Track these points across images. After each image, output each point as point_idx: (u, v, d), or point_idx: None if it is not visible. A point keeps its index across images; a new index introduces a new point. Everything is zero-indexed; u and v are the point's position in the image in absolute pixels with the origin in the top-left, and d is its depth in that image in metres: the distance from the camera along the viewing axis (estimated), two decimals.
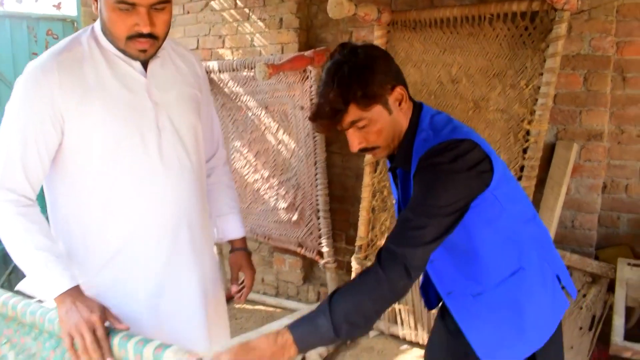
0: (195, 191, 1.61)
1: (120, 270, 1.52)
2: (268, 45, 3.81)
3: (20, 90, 1.40)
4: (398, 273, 1.24)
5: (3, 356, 1.51)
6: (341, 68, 1.33)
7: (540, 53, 2.61)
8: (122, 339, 1.22)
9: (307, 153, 3.44)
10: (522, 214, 1.45)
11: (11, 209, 1.39)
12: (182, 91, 1.59)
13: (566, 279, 1.51)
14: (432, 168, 1.30)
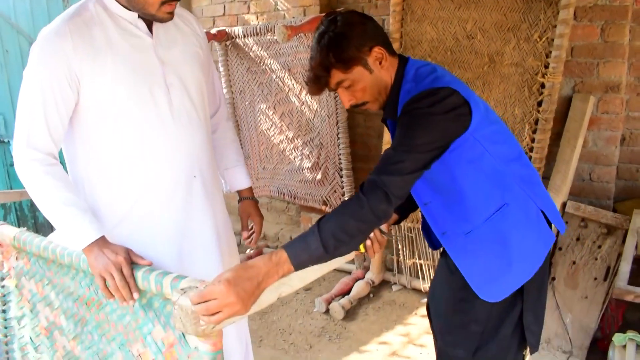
0: (204, 142, 1.74)
1: (139, 220, 1.65)
2: (291, 8, 3.88)
3: (37, 55, 1.50)
4: (378, 197, 1.34)
5: (46, 296, 1.69)
6: (323, 38, 1.49)
7: (554, 5, 2.61)
8: (145, 273, 1.36)
9: (329, 113, 3.52)
10: (505, 154, 1.53)
11: (38, 168, 1.51)
12: (186, 49, 1.70)
13: (553, 215, 1.60)
14: (411, 112, 1.42)
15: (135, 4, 1.52)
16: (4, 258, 1.85)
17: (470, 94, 1.47)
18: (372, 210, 1.34)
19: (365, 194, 1.35)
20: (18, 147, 1.52)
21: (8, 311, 1.88)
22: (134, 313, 1.42)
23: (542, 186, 1.62)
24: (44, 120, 1.51)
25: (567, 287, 2.74)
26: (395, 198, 1.36)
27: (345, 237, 1.32)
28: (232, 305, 1.17)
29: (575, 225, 2.79)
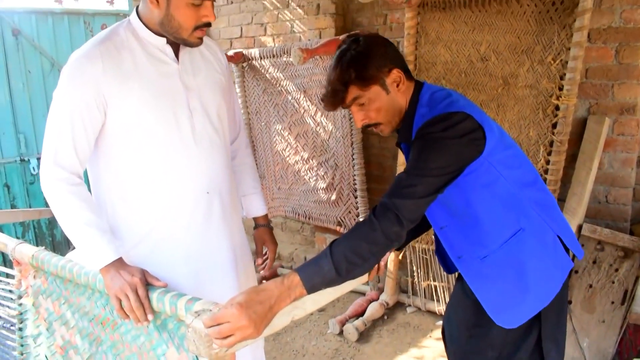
0: (224, 165, 1.78)
1: (159, 241, 1.69)
2: (307, 31, 3.93)
3: (68, 77, 1.55)
4: (390, 220, 1.35)
5: (62, 315, 1.72)
6: (344, 55, 1.51)
7: (568, 28, 2.62)
8: (160, 294, 1.38)
9: (344, 134, 3.55)
10: (520, 178, 1.53)
11: (63, 187, 1.55)
12: (209, 76, 1.75)
13: (570, 240, 1.58)
14: (425, 136, 1.43)
15: (169, 27, 1.57)
16: (22, 276, 1.88)
17: (485, 119, 1.48)
18: (384, 233, 1.34)
19: (377, 216, 1.36)
20: (45, 164, 1.56)
21: (25, 329, 1.91)
22: (148, 334, 1.43)
23: (558, 211, 1.61)
24: (72, 140, 1.55)
25: (584, 311, 2.71)
26: (407, 221, 1.37)
27: (357, 260, 1.33)
28: (244, 329, 1.18)
29: (592, 248, 2.76)
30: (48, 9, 4.28)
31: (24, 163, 4.26)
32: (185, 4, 1.52)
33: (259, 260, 2.00)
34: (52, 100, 1.59)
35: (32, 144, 4.31)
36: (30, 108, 4.26)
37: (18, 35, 4.12)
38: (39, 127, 4.31)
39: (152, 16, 1.58)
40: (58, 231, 4.50)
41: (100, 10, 4.56)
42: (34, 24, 4.20)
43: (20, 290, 1.89)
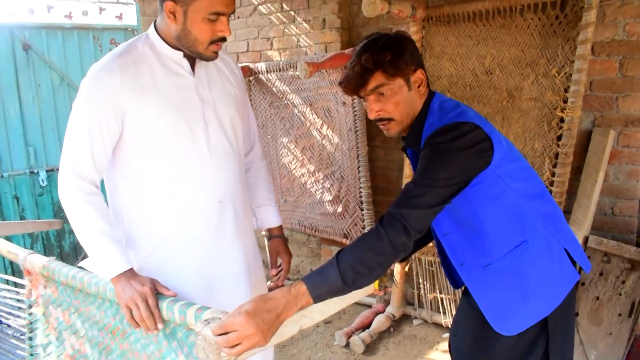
0: (238, 176, 1.82)
1: (173, 250, 1.72)
2: (313, 45, 3.97)
3: (87, 89, 1.60)
4: (397, 230, 1.35)
5: (72, 324, 1.74)
6: (375, 42, 1.52)
7: (571, 41, 2.65)
8: (169, 304, 1.40)
9: (350, 147, 3.57)
10: (527, 191, 1.54)
11: (80, 196, 1.59)
12: (224, 89, 1.79)
13: (577, 253, 1.58)
14: (434, 146, 1.44)
15: (185, 41, 1.61)
16: (33, 286, 1.90)
17: (493, 131, 1.49)
18: (390, 243, 1.35)
19: (384, 226, 1.36)
20: (63, 173, 1.60)
21: (34, 338, 1.93)
22: (157, 343, 1.45)
23: (565, 224, 1.62)
24: (90, 150, 1.59)
25: (591, 323, 2.71)
26: (415, 231, 1.37)
27: (364, 270, 1.33)
28: (252, 337, 1.19)
29: (598, 260, 2.77)
30: (58, 24, 4.36)
31: (33, 175, 4.30)
32: (201, 19, 1.55)
33: (272, 271, 2.01)
34: (71, 111, 1.63)
35: (42, 156, 4.36)
36: (40, 121, 4.32)
37: (29, 50, 4.19)
38: (48, 140, 4.37)
39: (169, 30, 1.62)
40: (66, 242, 4.53)
41: (109, 25, 4.64)
42: (44, 38, 4.28)
43: (31, 299, 1.91)
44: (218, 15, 1.56)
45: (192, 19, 1.56)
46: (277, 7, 4.16)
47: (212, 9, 1.54)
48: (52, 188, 4.42)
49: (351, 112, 3.51)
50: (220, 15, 1.56)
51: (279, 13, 4.17)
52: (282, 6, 4.12)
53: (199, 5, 1.53)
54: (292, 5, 4.07)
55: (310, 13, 3.93)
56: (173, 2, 1.55)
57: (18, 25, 4.16)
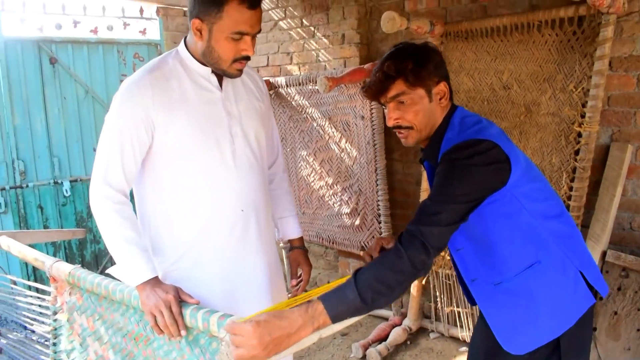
0: (261, 187, 1.87)
1: (198, 258, 1.77)
2: (332, 60, 4.03)
3: (119, 102, 1.67)
4: (416, 248, 1.35)
5: (96, 330, 1.78)
6: (401, 51, 1.55)
7: (589, 57, 2.66)
8: (193, 311, 1.43)
9: (368, 160, 3.61)
10: (544, 211, 1.52)
11: (109, 205, 1.64)
12: (249, 104, 1.85)
13: (594, 277, 1.56)
14: (451, 162, 1.43)
15: (210, 58, 1.67)
16: (58, 293, 1.95)
17: (512, 150, 1.48)
18: (410, 261, 1.34)
19: (403, 244, 1.36)
20: (95, 182, 1.66)
21: (58, 344, 1.97)
22: (180, 349, 1.49)
23: (583, 246, 1.60)
24: (120, 160, 1.65)
25: (608, 339, 2.69)
26: (434, 249, 1.37)
27: (383, 289, 1.33)
28: (252, 348, 1.21)
29: (616, 275, 2.76)
30: (84, 39, 4.46)
31: (57, 185, 4.39)
32: (225, 38, 1.60)
33: (293, 281, 2.05)
34: (93, 123, 1.70)
35: (66, 167, 4.45)
36: (65, 133, 4.41)
37: (55, 64, 4.30)
38: (72, 151, 4.46)
39: (197, 47, 1.68)
40: (87, 252, 4.61)
41: (133, 39, 4.73)
42: (71, 52, 4.38)
43: (56, 306, 1.96)
44: (242, 35, 1.60)
45: (216, 37, 1.61)
46: (297, 22, 4.23)
47: (236, 28, 1.59)
48: (76, 198, 4.50)
49: (369, 126, 3.54)
50: (244, 35, 1.61)
51: (299, 28, 4.25)
52: (302, 22, 4.19)
53: (223, 24, 1.59)
54: (312, 21, 4.14)
55: (329, 28, 4.00)
56: (199, 20, 1.61)
57: (46, 39, 4.27)
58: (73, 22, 4.39)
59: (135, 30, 4.77)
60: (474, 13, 3.29)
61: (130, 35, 4.75)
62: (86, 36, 4.50)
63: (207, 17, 1.60)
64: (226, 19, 1.58)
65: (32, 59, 4.21)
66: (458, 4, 3.36)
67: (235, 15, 1.57)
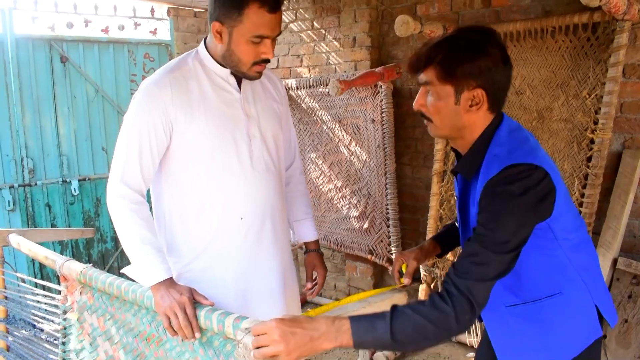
0: (278, 189, 1.86)
1: (213, 259, 1.77)
2: (342, 63, 4.03)
3: (139, 102, 1.67)
4: (464, 309, 1.26)
5: (107, 330, 1.77)
6: (456, 37, 1.39)
7: (603, 63, 2.65)
8: (207, 312, 1.42)
9: (378, 164, 3.60)
10: (575, 243, 1.45)
11: (125, 204, 1.64)
12: (268, 105, 1.85)
13: (607, 308, 1.50)
14: (501, 196, 1.30)
15: (229, 61, 1.67)
16: (69, 292, 1.95)
17: (557, 175, 1.37)
18: (457, 320, 1.26)
19: (451, 299, 1.27)
20: (112, 181, 1.67)
21: (68, 344, 1.97)
22: (193, 351, 1.48)
23: (601, 275, 1.54)
24: (138, 160, 1.65)
25: (619, 346, 2.68)
26: (480, 307, 1.28)
27: (419, 338, 1.27)
28: (276, 344, 1.18)
29: (627, 283, 2.74)
30: (95, 38, 4.47)
31: (66, 184, 4.40)
32: (245, 41, 1.61)
33: (308, 284, 2.03)
34: (122, 123, 1.71)
35: (74, 166, 4.46)
36: (74, 132, 4.42)
37: (66, 63, 4.31)
38: (81, 150, 4.47)
39: (217, 49, 1.69)
40: (94, 251, 4.62)
41: (143, 39, 4.74)
42: (81, 51, 4.39)
43: (66, 305, 1.95)
44: (262, 38, 1.60)
45: (236, 40, 1.62)
46: (308, 25, 4.23)
47: (256, 32, 1.59)
48: (83, 197, 4.51)
49: (380, 129, 3.54)
50: (263, 38, 1.61)
51: (309, 31, 4.24)
52: (313, 24, 4.19)
53: (244, 28, 1.59)
54: (322, 24, 4.14)
55: (340, 31, 3.99)
56: (220, 23, 1.61)
57: (57, 38, 4.28)
58: (84, 21, 4.40)
59: (146, 31, 4.78)
60: (487, 18, 3.28)
61: (141, 35, 4.75)
62: (97, 35, 4.51)
63: (227, 20, 1.60)
64: (246, 23, 1.58)
65: (43, 57, 4.22)
66: (470, 9, 3.36)
67: (255, 19, 1.57)
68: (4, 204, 4.13)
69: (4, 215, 4.16)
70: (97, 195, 4.59)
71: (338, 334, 1.23)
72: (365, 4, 3.78)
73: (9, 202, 4.13)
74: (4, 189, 4.12)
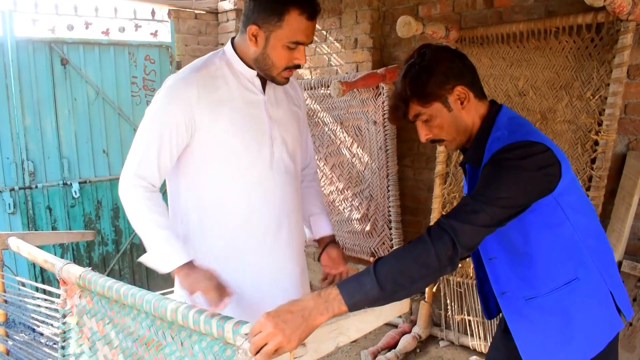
0: (295, 192, 1.88)
1: (230, 258, 1.77)
2: (344, 64, 4.01)
3: (163, 97, 1.69)
4: (445, 244, 1.27)
5: (106, 334, 1.76)
6: (409, 70, 1.49)
7: (607, 64, 2.63)
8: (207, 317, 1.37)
9: (380, 166, 3.58)
10: (586, 226, 1.46)
11: (139, 192, 1.66)
12: (289, 109, 1.87)
13: (622, 300, 1.49)
14: (500, 162, 1.36)
15: (262, 64, 1.69)
16: (68, 296, 1.93)
17: (563, 156, 1.41)
18: (437, 255, 1.27)
19: (431, 237, 1.29)
20: (126, 172, 1.67)
21: (67, 348, 1.95)
22: (192, 355, 1.46)
23: (615, 266, 1.54)
24: (156, 155, 1.66)
25: (623, 350, 2.65)
26: (462, 248, 1.29)
27: (405, 281, 1.26)
28: (273, 336, 1.17)
29: (632, 286, 2.72)
30: (95, 40, 4.45)
31: (66, 187, 4.38)
32: (281, 46, 1.63)
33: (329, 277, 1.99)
34: (143, 116, 1.71)
35: (75, 168, 4.44)
36: (75, 134, 4.40)
37: (67, 65, 4.29)
38: (82, 153, 4.45)
39: (248, 51, 1.70)
40: (95, 254, 4.60)
41: (144, 41, 4.72)
42: (82, 54, 4.37)
43: (65, 309, 1.93)
44: (297, 44, 1.63)
45: (272, 44, 1.64)
46: None
47: (294, 38, 1.62)
48: (84, 200, 4.49)
49: (382, 131, 3.52)
50: (299, 44, 1.64)
51: None
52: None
53: (282, 33, 1.62)
54: (324, 25, 4.12)
55: (342, 33, 3.98)
56: (257, 27, 1.64)
57: (57, 40, 4.26)
58: (85, 23, 4.38)
59: (147, 33, 4.76)
60: (489, 19, 3.26)
61: (142, 37, 4.74)
62: (98, 38, 4.49)
63: (265, 24, 1.63)
64: (285, 28, 1.61)
65: (44, 59, 4.20)
66: (473, 10, 3.34)
67: (294, 25, 1.61)
68: (5, 207, 4.12)
69: (4, 218, 4.14)
70: (98, 198, 4.57)
71: (328, 304, 1.22)
72: (367, 5, 3.77)
73: (9, 205, 4.12)
74: (4, 192, 4.10)
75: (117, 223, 4.70)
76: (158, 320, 1.54)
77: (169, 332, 1.53)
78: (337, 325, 1.28)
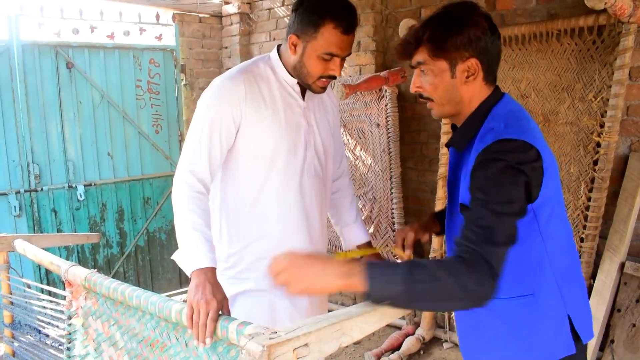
0: (324, 197, 1.94)
1: (258, 253, 1.83)
2: (347, 67, 4.02)
3: (212, 95, 1.75)
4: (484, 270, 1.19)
5: (111, 336, 1.78)
6: (440, 14, 1.41)
7: (608, 66, 2.64)
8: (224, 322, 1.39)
9: (383, 168, 3.59)
10: (557, 241, 1.40)
11: (187, 190, 1.69)
12: (324, 116, 1.95)
13: (581, 323, 1.42)
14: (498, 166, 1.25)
15: (299, 72, 1.77)
16: (73, 297, 1.95)
17: (552, 161, 1.34)
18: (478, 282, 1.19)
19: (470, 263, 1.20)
20: (180, 168, 1.73)
21: (73, 349, 1.96)
22: (197, 356, 1.47)
23: (582, 288, 1.48)
24: (208, 150, 1.73)
25: (627, 351, 2.65)
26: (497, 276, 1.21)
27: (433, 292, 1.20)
28: (284, 271, 1.23)
29: (635, 287, 2.72)
30: (100, 44, 4.48)
31: (72, 189, 4.41)
32: (316, 56, 1.70)
33: None
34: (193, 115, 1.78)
35: (80, 171, 4.47)
36: (80, 137, 4.43)
37: (72, 68, 4.32)
38: (87, 156, 4.48)
39: (289, 59, 1.78)
40: (100, 256, 4.62)
41: (149, 45, 4.75)
42: (87, 57, 4.41)
43: (71, 311, 1.95)
44: (332, 56, 1.70)
45: (308, 54, 1.71)
46: None
47: (328, 49, 1.69)
48: (89, 202, 4.51)
49: (385, 134, 3.53)
50: (333, 56, 1.70)
51: None
52: None
53: (317, 44, 1.69)
54: None
55: None
56: (296, 36, 1.72)
57: (63, 44, 4.29)
58: (90, 27, 4.42)
59: (152, 36, 4.79)
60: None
61: (147, 40, 4.77)
62: (103, 41, 4.52)
63: (303, 35, 1.70)
64: (320, 40, 1.68)
65: (49, 63, 4.24)
66: None
67: (329, 37, 1.67)
68: (10, 210, 4.15)
69: (10, 220, 4.16)
70: (103, 201, 4.60)
71: (350, 272, 1.21)
72: (370, 8, 3.78)
73: (15, 207, 4.15)
74: (10, 195, 4.13)
75: (121, 225, 4.72)
76: (163, 321, 1.56)
77: (174, 333, 1.55)
78: (340, 326, 1.29)
